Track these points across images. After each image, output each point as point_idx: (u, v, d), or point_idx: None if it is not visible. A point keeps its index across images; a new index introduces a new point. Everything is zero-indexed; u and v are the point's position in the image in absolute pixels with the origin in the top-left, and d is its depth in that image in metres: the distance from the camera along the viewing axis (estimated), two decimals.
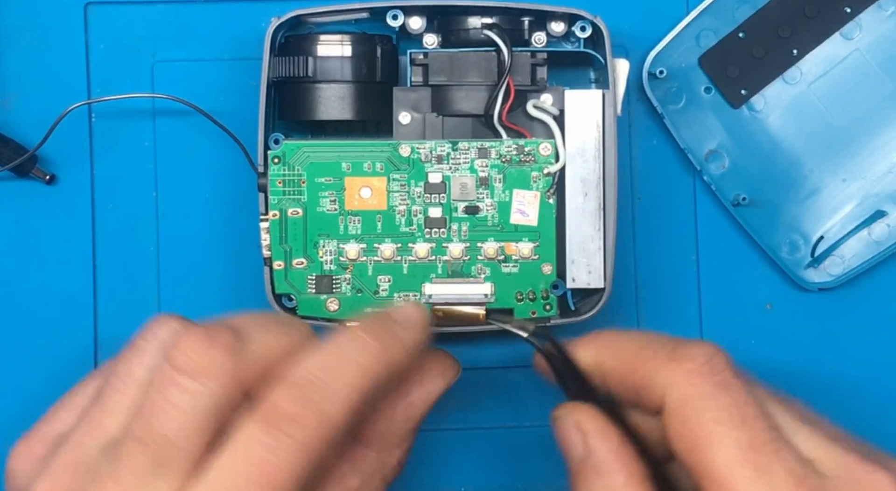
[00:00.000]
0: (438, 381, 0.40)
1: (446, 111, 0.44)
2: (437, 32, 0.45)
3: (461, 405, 0.48)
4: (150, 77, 0.47)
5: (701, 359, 0.36)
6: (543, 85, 0.45)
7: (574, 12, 0.45)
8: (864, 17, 0.48)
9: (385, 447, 0.39)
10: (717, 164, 0.48)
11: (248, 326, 0.37)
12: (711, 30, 0.48)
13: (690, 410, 0.35)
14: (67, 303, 0.47)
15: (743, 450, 0.34)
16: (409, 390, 0.40)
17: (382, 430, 0.39)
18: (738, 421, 0.35)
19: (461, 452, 0.48)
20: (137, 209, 0.48)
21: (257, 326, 0.38)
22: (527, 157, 0.44)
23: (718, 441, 0.35)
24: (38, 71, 0.47)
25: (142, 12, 0.48)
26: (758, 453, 0.34)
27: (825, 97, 0.48)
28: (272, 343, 0.37)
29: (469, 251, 0.44)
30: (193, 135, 0.47)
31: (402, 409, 0.40)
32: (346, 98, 0.44)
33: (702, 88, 0.48)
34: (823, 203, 0.49)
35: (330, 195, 0.44)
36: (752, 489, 0.34)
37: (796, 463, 0.35)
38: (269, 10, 0.46)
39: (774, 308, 0.49)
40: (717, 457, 0.34)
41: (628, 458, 0.37)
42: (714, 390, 0.35)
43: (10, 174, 0.47)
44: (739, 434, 0.35)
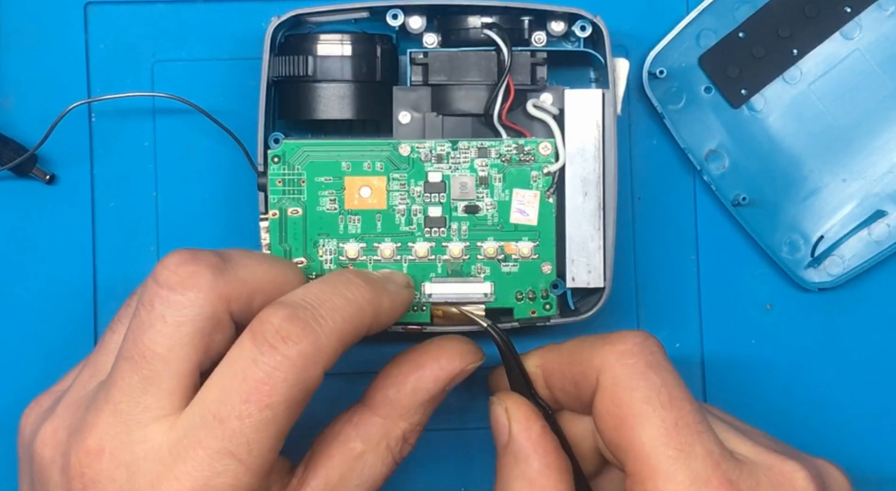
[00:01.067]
0: (455, 361, 0.40)
1: (446, 111, 0.44)
2: (437, 32, 0.45)
3: (461, 405, 0.48)
4: (150, 77, 0.47)
5: (633, 340, 0.38)
6: (543, 84, 0.45)
7: (574, 12, 0.45)
8: (864, 17, 0.48)
9: (390, 414, 0.40)
10: (717, 164, 0.48)
11: (238, 254, 0.38)
12: (711, 30, 0.48)
13: (621, 389, 0.37)
14: (67, 303, 0.47)
15: (668, 429, 0.36)
16: (423, 363, 0.40)
17: (390, 396, 0.40)
18: (666, 401, 0.36)
19: (461, 452, 0.48)
20: (137, 209, 0.48)
21: (247, 256, 0.39)
22: (527, 157, 0.44)
23: (645, 419, 0.36)
24: (38, 71, 0.47)
25: (142, 12, 0.48)
26: (681, 433, 0.36)
27: (825, 97, 0.48)
28: (259, 272, 0.38)
29: (469, 250, 0.44)
30: (193, 134, 0.47)
31: (413, 379, 0.40)
32: (346, 97, 0.44)
33: (702, 88, 0.48)
34: (823, 203, 0.49)
35: (330, 194, 0.44)
36: (672, 468, 0.35)
37: (715, 445, 0.36)
38: (269, 9, 0.46)
39: (774, 308, 0.49)
40: (643, 435, 0.36)
41: (547, 448, 0.39)
42: (645, 370, 0.37)
43: (10, 174, 0.47)
44: (666, 414, 0.36)
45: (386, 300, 0.39)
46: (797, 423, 0.49)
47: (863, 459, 0.49)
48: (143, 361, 0.36)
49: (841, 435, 0.49)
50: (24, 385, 0.47)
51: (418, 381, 0.40)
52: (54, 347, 0.47)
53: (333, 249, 0.44)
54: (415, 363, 0.40)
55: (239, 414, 0.35)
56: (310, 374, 0.36)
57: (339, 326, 0.37)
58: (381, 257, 0.44)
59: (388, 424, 0.40)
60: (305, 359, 0.35)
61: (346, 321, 0.37)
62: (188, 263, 0.37)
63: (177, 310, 0.36)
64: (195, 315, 0.36)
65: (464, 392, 0.47)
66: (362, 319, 0.38)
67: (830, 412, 0.49)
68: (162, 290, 0.36)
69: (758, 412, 0.48)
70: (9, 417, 0.47)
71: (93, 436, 0.36)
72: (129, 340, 0.37)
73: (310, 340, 0.36)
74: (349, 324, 0.37)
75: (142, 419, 0.36)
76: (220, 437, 0.35)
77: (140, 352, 0.36)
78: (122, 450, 0.35)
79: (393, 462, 0.40)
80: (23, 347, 0.47)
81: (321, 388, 0.40)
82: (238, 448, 0.35)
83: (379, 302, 0.39)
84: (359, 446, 0.39)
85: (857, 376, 0.49)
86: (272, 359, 0.35)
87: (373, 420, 0.39)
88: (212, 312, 0.36)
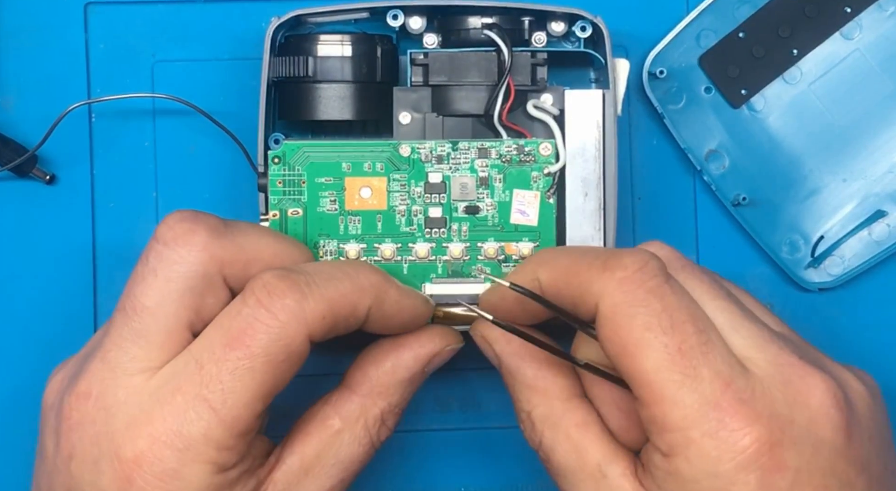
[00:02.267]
0: (435, 340, 0.41)
1: (446, 111, 0.44)
2: (438, 32, 0.45)
3: (461, 405, 0.48)
4: (150, 77, 0.47)
5: (633, 266, 0.36)
6: (543, 85, 0.45)
7: (574, 12, 0.45)
8: (864, 17, 0.48)
9: (370, 392, 0.40)
10: (717, 164, 0.48)
11: (244, 224, 0.39)
12: (711, 30, 0.48)
13: (621, 317, 0.35)
14: (67, 303, 0.47)
15: (671, 354, 0.35)
16: (403, 343, 0.40)
17: (370, 374, 0.40)
18: (668, 326, 0.35)
19: (461, 452, 0.48)
20: (137, 209, 0.48)
21: (252, 227, 0.39)
22: (527, 157, 0.44)
23: (647, 346, 0.35)
24: (38, 71, 0.47)
25: (142, 12, 0.48)
26: (685, 357, 0.35)
27: (825, 97, 0.48)
28: (261, 243, 0.39)
29: (469, 251, 0.44)
30: (193, 135, 0.47)
31: (393, 357, 0.40)
32: (346, 98, 0.44)
33: (702, 88, 0.48)
34: (823, 203, 0.49)
35: (330, 195, 0.44)
36: (679, 393, 0.34)
37: (724, 365, 0.35)
38: (269, 10, 0.46)
39: (774, 308, 0.49)
40: (646, 362, 0.35)
41: (533, 354, 0.39)
42: (645, 296, 0.35)
43: (10, 174, 0.47)
44: (668, 339, 0.35)
45: (393, 293, 0.39)
46: None
47: None
48: (133, 313, 0.37)
49: None
50: (24, 384, 0.47)
51: (398, 358, 0.40)
52: (54, 347, 0.47)
53: (334, 249, 0.44)
54: (395, 343, 0.41)
55: (217, 358, 0.35)
56: (291, 331, 0.36)
57: (330, 293, 0.37)
58: (381, 258, 0.44)
59: (367, 403, 0.40)
60: (288, 314, 0.36)
61: (339, 293, 0.37)
62: (186, 221, 0.37)
63: (167, 265, 0.37)
64: (185, 272, 0.37)
65: (464, 392, 0.47)
66: (360, 297, 0.38)
67: None
68: (157, 244, 0.37)
69: None
70: (8, 416, 0.47)
71: (84, 381, 0.37)
72: (124, 293, 0.38)
73: (295, 298, 0.36)
74: (343, 296, 0.37)
75: (129, 368, 0.36)
76: (198, 382, 0.35)
77: (131, 304, 0.37)
78: (106, 394, 0.36)
79: (370, 444, 0.40)
80: (23, 346, 0.47)
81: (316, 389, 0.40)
82: (213, 395, 0.35)
83: (383, 289, 0.39)
84: (336, 424, 0.39)
85: None
86: (256, 310, 0.35)
87: (352, 399, 0.40)
88: (203, 271, 0.37)
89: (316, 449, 0.39)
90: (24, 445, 0.45)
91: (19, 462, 0.45)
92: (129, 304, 0.37)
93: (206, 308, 0.37)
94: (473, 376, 0.48)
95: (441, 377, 0.48)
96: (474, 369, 0.48)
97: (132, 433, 0.35)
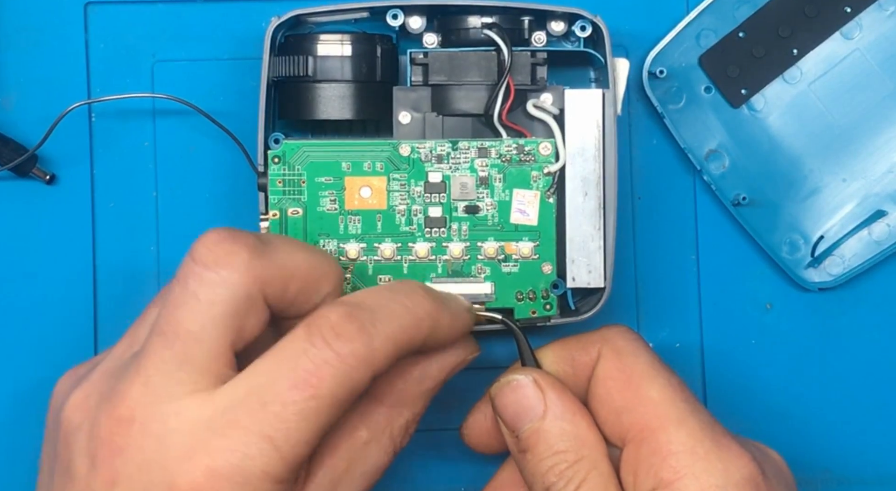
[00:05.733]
0: (458, 352, 0.41)
1: (446, 111, 0.44)
2: (437, 32, 0.45)
3: (461, 405, 0.48)
4: (150, 77, 0.47)
5: (618, 327, 0.42)
6: (543, 84, 0.45)
7: (574, 12, 0.45)
8: (865, 17, 0.48)
9: (396, 404, 0.40)
10: (717, 164, 0.48)
11: (277, 239, 0.38)
12: (711, 29, 0.48)
13: (625, 356, 0.40)
14: (67, 303, 0.47)
15: (674, 387, 0.40)
16: (429, 353, 0.40)
17: (397, 386, 0.40)
18: (661, 367, 0.40)
19: (461, 452, 0.48)
20: (137, 209, 0.48)
21: (286, 241, 0.39)
22: (527, 157, 0.44)
23: (652, 379, 0.40)
24: (38, 71, 0.47)
25: (142, 12, 0.48)
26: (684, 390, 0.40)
27: (825, 97, 0.48)
28: (298, 259, 0.38)
29: (469, 251, 0.44)
30: (193, 135, 0.47)
31: (419, 370, 0.40)
32: (346, 98, 0.44)
33: (702, 88, 0.48)
34: (823, 203, 0.49)
35: (330, 195, 0.44)
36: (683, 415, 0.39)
37: None
38: (269, 9, 0.46)
39: (774, 308, 0.49)
40: (651, 390, 0.39)
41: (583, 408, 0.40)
42: (642, 345, 0.41)
43: (10, 174, 0.47)
44: (670, 376, 0.40)
45: (446, 318, 0.39)
46: (797, 422, 0.49)
47: (862, 458, 0.49)
48: (175, 338, 0.36)
49: (840, 435, 0.49)
50: (25, 384, 0.47)
51: (424, 369, 0.40)
52: (54, 347, 0.47)
53: (334, 249, 0.44)
54: (419, 355, 0.40)
55: (284, 400, 0.34)
56: (358, 375, 0.35)
57: (394, 332, 0.36)
58: (381, 258, 0.44)
59: (394, 414, 0.40)
60: (356, 359, 0.35)
61: (402, 329, 0.37)
62: (226, 241, 0.36)
63: (210, 288, 0.36)
64: (229, 295, 0.36)
65: (464, 392, 0.47)
66: (419, 330, 0.37)
67: (830, 412, 0.49)
68: (197, 267, 0.36)
69: (757, 412, 0.49)
70: (9, 416, 0.47)
71: (124, 405, 0.35)
72: (162, 316, 0.36)
73: (363, 341, 0.35)
74: (405, 333, 0.37)
75: (175, 393, 0.35)
76: (261, 420, 0.34)
77: (173, 329, 0.36)
78: (153, 420, 0.35)
79: (393, 452, 0.40)
80: (23, 346, 0.47)
81: None
82: (277, 433, 0.34)
83: (438, 317, 0.38)
84: (364, 436, 0.39)
85: (857, 376, 0.49)
86: (324, 352, 0.35)
87: (379, 410, 0.39)
88: (246, 292, 0.36)
89: (345, 461, 0.38)
90: (23, 446, 0.45)
91: (18, 463, 0.45)
92: (169, 328, 0.36)
93: (248, 329, 0.36)
94: (474, 376, 0.48)
95: None
96: (474, 369, 0.48)
97: (189, 465, 0.34)
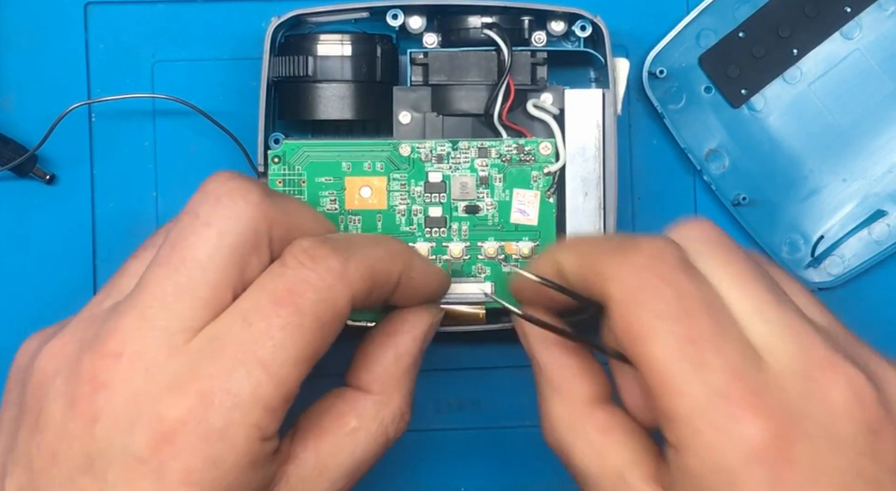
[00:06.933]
0: (423, 317, 0.40)
1: (446, 111, 0.44)
2: (437, 32, 0.45)
3: (461, 405, 0.48)
4: (150, 77, 0.47)
5: (649, 252, 0.35)
6: (543, 84, 0.45)
7: (574, 12, 0.45)
8: (865, 17, 0.48)
9: (382, 390, 0.39)
10: (717, 164, 0.48)
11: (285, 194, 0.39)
12: (711, 29, 0.48)
13: (632, 304, 0.34)
14: (67, 303, 0.47)
15: (680, 343, 0.33)
16: (395, 329, 0.40)
17: (376, 371, 0.39)
18: (679, 314, 0.34)
19: (461, 452, 0.48)
20: (137, 209, 0.48)
21: (292, 197, 0.39)
22: (527, 157, 0.44)
23: (656, 334, 0.33)
24: (38, 71, 0.47)
25: (142, 12, 0.48)
26: (696, 347, 0.33)
27: (825, 97, 0.48)
28: (302, 210, 0.38)
29: (469, 250, 0.44)
30: (193, 135, 0.47)
31: (392, 349, 0.39)
32: (346, 98, 0.44)
33: (702, 88, 0.48)
34: (823, 203, 0.49)
35: (330, 195, 0.44)
36: (686, 382, 0.33)
37: (737, 355, 0.33)
38: (269, 9, 0.46)
39: None
40: (654, 350, 0.33)
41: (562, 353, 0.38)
42: (658, 283, 0.34)
43: (10, 174, 0.47)
44: (678, 328, 0.33)
45: (418, 262, 0.39)
46: None
47: None
48: (181, 267, 0.35)
49: None
50: None
51: (398, 347, 0.39)
52: None
53: None
54: (387, 333, 0.40)
55: (267, 315, 0.34)
56: (337, 293, 0.35)
57: (368, 258, 0.37)
58: None
59: (382, 401, 0.39)
60: (333, 275, 0.35)
61: (376, 257, 0.37)
62: (237, 177, 0.36)
63: (223, 218, 0.35)
64: (240, 227, 0.35)
65: (464, 392, 0.47)
66: (393, 264, 0.38)
67: None
68: (210, 198, 0.36)
69: None
70: None
71: (113, 340, 0.34)
72: (166, 247, 0.36)
73: (338, 260, 0.35)
74: (379, 260, 0.37)
75: (170, 326, 0.34)
76: (247, 340, 0.34)
77: (179, 257, 0.35)
78: (144, 353, 0.34)
79: (385, 441, 0.39)
80: None
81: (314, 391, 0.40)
82: (264, 351, 0.34)
83: (411, 258, 0.39)
84: (353, 422, 0.38)
85: None
86: (301, 271, 0.35)
87: (366, 398, 0.39)
88: (255, 227, 0.36)
89: (332, 447, 0.38)
90: None
91: None
92: (175, 257, 0.35)
93: (250, 269, 0.36)
94: (473, 376, 0.48)
95: (441, 377, 0.48)
96: (474, 369, 0.48)
97: (178, 392, 0.33)
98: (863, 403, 0.33)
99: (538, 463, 0.48)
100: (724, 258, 0.36)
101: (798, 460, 0.32)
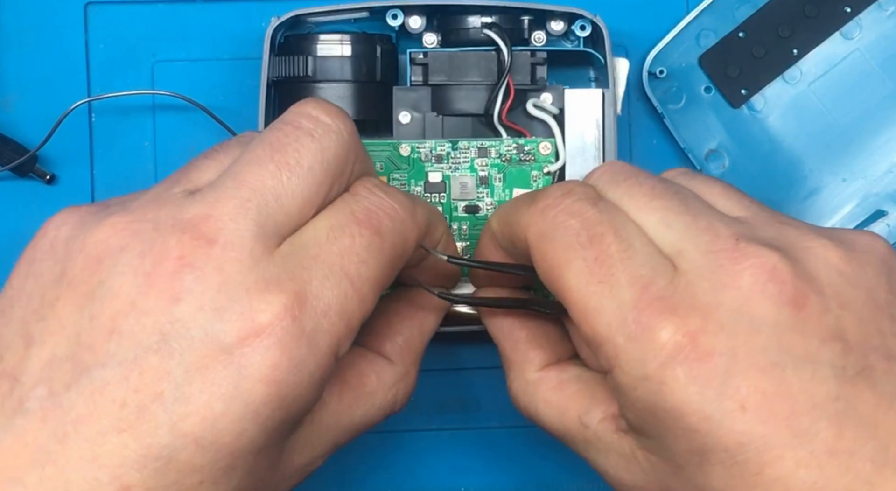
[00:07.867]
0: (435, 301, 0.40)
1: (446, 110, 0.45)
2: (437, 32, 0.45)
3: (461, 405, 0.48)
4: (151, 77, 0.48)
5: (555, 194, 0.36)
6: (543, 84, 0.45)
7: (574, 11, 0.45)
8: (864, 17, 0.48)
9: (401, 360, 0.39)
10: (717, 164, 0.48)
11: None
12: (711, 29, 0.48)
13: (543, 242, 0.35)
14: None
15: (589, 266, 0.34)
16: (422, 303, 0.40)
17: (400, 343, 0.39)
18: (586, 241, 0.35)
19: (461, 452, 0.48)
20: None
21: None
22: (527, 157, 0.44)
23: (567, 263, 0.35)
24: (39, 71, 0.47)
25: (142, 12, 0.48)
26: (603, 266, 0.34)
27: (825, 97, 0.48)
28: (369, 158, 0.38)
29: (469, 250, 0.44)
30: (194, 135, 0.47)
31: (418, 323, 0.40)
32: (346, 98, 0.44)
33: (702, 88, 0.48)
34: (823, 203, 0.49)
35: None
36: (598, 301, 0.34)
37: (645, 267, 0.34)
38: (269, 9, 0.46)
39: None
40: (569, 278, 0.34)
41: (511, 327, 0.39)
42: (565, 218, 0.35)
43: (10, 174, 0.47)
44: (586, 252, 0.34)
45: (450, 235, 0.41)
46: None
47: None
48: (283, 168, 0.34)
49: None
50: None
51: (423, 323, 0.40)
52: None
53: None
54: (415, 305, 0.40)
55: (351, 232, 0.34)
56: (407, 228, 0.36)
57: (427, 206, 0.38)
58: None
59: (402, 371, 0.39)
60: (405, 209, 0.36)
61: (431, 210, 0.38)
62: (326, 103, 0.36)
63: (326, 134, 0.35)
64: (338, 148, 0.35)
65: (464, 392, 0.47)
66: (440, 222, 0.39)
67: None
68: (312, 112, 0.35)
69: None
70: None
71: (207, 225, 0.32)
72: (262, 148, 0.34)
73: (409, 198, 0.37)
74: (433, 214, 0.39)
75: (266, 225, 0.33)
76: (335, 252, 0.34)
77: (283, 159, 0.34)
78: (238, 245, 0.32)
79: (391, 411, 0.39)
80: None
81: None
82: (351, 266, 0.34)
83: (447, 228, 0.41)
84: (373, 383, 0.38)
85: None
86: (377, 200, 0.35)
87: (389, 366, 0.39)
88: (346, 153, 0.35)
89: (351, 401, 0.37)
90: None
91: None
92: (278, 158, 0.34)
93: (332, 191, 0.35)
94: (473, 376, 0.48)
95: (441, 377, 0.48)
96: (474, 369, 0.48)
97: (274, 289, 0.32)
98: (777, 280, 0.33)
99: (538, 463, 0.48)
100: (630, 184, 0.37)
101: (715, 351, 0.32)
